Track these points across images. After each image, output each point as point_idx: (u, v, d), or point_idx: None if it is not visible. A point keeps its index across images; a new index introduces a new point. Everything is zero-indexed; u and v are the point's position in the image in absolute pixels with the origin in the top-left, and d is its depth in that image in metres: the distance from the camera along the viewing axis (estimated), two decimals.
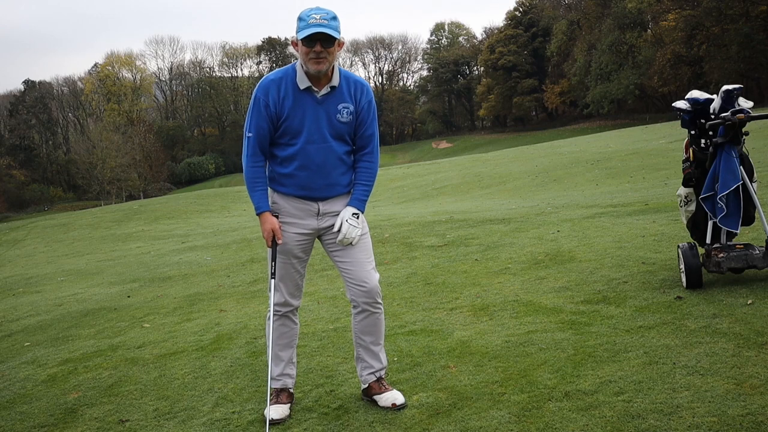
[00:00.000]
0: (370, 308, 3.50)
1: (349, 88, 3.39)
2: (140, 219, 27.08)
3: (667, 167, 16.20)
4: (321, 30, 3.18)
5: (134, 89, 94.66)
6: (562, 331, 4.16)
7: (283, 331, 3.59)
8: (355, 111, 3.40)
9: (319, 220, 3.47)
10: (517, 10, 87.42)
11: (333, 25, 3.22)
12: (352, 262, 3.46)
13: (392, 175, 31.05)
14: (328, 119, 3.35)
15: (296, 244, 3.46)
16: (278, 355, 3.60)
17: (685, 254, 4.58)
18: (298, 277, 3.55)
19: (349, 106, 3.38)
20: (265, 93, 3.33)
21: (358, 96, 3.40)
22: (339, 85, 3.36)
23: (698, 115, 4.68)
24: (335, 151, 3.39)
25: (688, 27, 61.02)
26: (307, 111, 3.33)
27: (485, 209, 12.60)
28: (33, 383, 4.71)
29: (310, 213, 3.45)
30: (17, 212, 67.44)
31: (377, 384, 3.52)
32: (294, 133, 3.35)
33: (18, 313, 7.99)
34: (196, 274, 9.21)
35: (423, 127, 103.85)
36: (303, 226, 3.46)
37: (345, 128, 3.39)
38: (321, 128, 3.34)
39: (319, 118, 3.34)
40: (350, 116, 3.38)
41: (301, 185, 3.40)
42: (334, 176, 3.41)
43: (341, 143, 3.41)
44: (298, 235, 3.46)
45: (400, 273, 6.86)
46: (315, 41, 3.20)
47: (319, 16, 3.20)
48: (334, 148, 3.38)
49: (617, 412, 2.96)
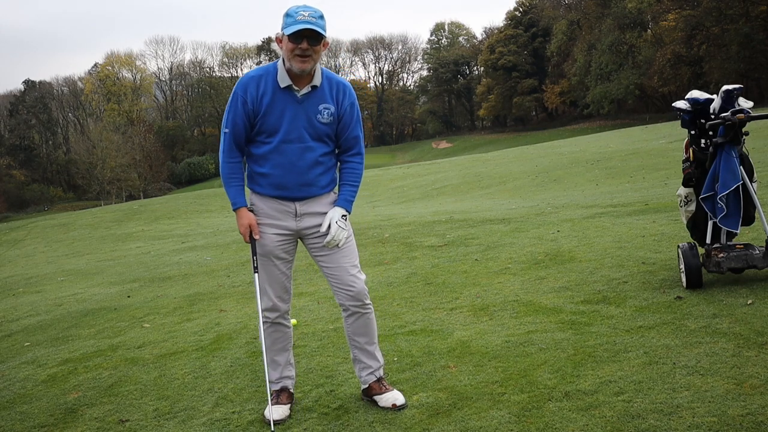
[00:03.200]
0: (359, 310, 3.46)
1: (332, 89, 3.34)
2: (140, 219, 27.08)
3: (667, 167, 16.20)
4: (309, 26, 3.14)
5: (134, 89, 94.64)
6: (562, 331, 4.16)
7: (276, 337, 3.56)
8: (337, 113, 3.35)
9: (298, 221, 3.41)
10: (517, 10, 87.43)
11: (320, 24, 3.19)
12: (337, 267, 3.42)
13: (392, 175, 31.04)
14: (308, 119, 3.30)
15: (277, 245, 3.42)
16: (274, 360, 3.58)
17: (685, 254, 4.58)
18: (284, 279, 3.50)
19: (330, 107, 3.32)
20: (243, 89, 3.31)
21: (341, 98, 3.35)
22: (321, 86, 3.31)
23: (698, 115, 4.68)
24: (313, 152, 3.33)
25: (688, 27, 61.02)
26: (286, 109, 3.29)
27: (485, 209, 12.60)
28: (33, 383, 4.71)
29: (288, 213, 3.40)
30: (17, 212, 67.41)
31: (377, 384, 3.51)
32: (270, 131, 3.31)
33: (18, 313, 7.99)
34: (196, 274, 9.21)
35: (423, 127, 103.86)
36: (281, 227, 3.41)
37: (325, 129, 3.34)
38: (299, 128, 3.29)
39: (298, 118, 3.29)
40: (331, 117, 3.33)
41: (275, 184, 3.36)
42: (310, 176, 3.35)
43: (321, 144, 3.35)
44: (278, 235, 3.41)
45: (400, 273, 6.86)
46: (302, 38, 3.17)
47: (307, 13, 3.17)
48: (313, 148, 3.33)
49: (617, 412, 2.96)
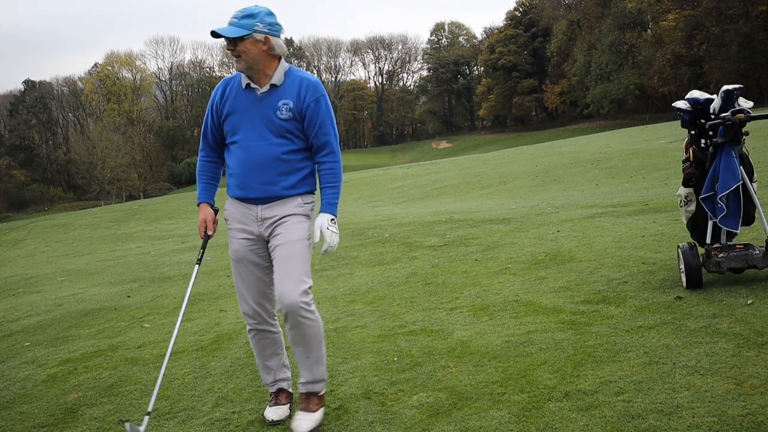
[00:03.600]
0: (291, 320, 3.23)
1: (294, 86, 3.29)
2: (140, 219, 27.08)
3: (667, 167, 16.19)
4: (214, 30, 3.19)
5: (134, 89, 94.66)
6: (562, 331, 4.16)
7: (264, 344, 3.51)
8: (299, 109, 3.27)
9: (260, 225, 3.35)
10: (517, 10, 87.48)
11: (241, 24, 3.19)
12: (276, 276, 3.27)
13: (392, 175, 31.03)
14: (268, 117, 3.27)
15: (248, 250, 3.38)
16: (266, 365, 3.54)
17: (685, 254, 4.57)
18: (261, 285, 3.41)
19: (289, 103, 3.26)
20: (215, 92, 3.42)
21: (303, 93, 3.27)
22: (283, 83, 3.29)
23: (698, 115, 4.67)
24: (274, 149, 3.27)
25: (688, 27, 61.05)
26: (247, 109, 3.31)
27: (485, 209, 12.59)
28: (33, 383, 4.71)
29: (252, 218, 3.36)
30: (17, 212, 67.43)
31: (304, 399, 3.36)
32: (233, 131, 3.35)
33: (18, 313, 7.99)
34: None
35: (423, 127, 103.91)
36: (248, 232, 3.37)
37: (287, 125, 3.27)
38: (258, 126, 3.28)
39: (258, 116, 3.29)
40: (290, 113, 3.26)
41: (239, 184, 3.36)
42: (270, 175, 3.28)
43: (283, 140, 3.28)
44: (246, 240, 3.38)
45: (400, 273, 6.86)
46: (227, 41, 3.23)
47: (234, 14, 3.22)
48: (274, 145, 3.27)
49: (617, 412, 2.96)
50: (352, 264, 7.82)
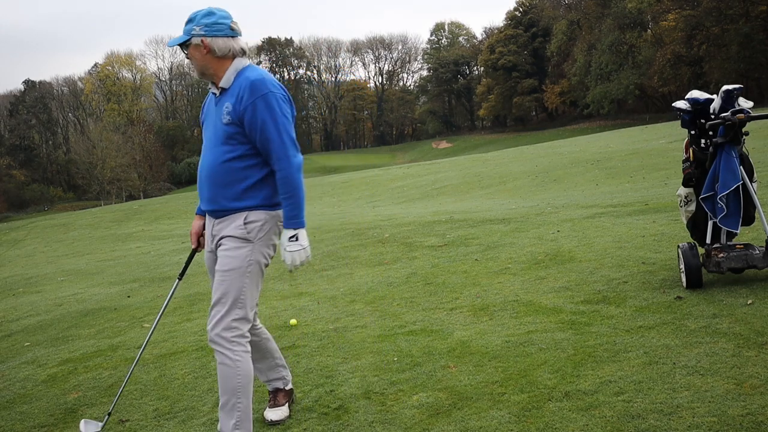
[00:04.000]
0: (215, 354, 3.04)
1: (236, 87, 3.06)
2: (140, 219, 27.08)
3: (667, 167, 16.19)
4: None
5: (134, 89, 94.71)
6: (562, 331, 4.16)
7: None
8: (237, 111, 3.01)
9: (212, 242, 3.21)
10: (517, 10, 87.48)
11: (184, 30, 3.09)
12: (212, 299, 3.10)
13: (392, 175, 31.02)
14: (215, 122, 3.12)
15: (213, 264, 3.23)
16: (256, 366, 3.46)
17: (685, 254, 4.57)
18: None
19: (229, 105, 3.04)
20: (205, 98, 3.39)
21: (241, 94, 3.01)
22: (231, 86, 3.09)
23: (698, 115, 4.67)
24: (219, 157, 3.07)
25: (688, 27, 61.06)
26: (208, 115, 3.24)
27: (485, 209, 12.59)
28: (33, 383, 4.71)
29: (209, 232, 3.24)
30: (17, 212, 67.44)
31: None
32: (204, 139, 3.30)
33: (18, 313, 7.99)
34: (196, 274, 9.20)
35: (423, 127, 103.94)
36: (209, 247, 3.27)
37: (229, 130, 3.04)
38: (211, 133, 3.15)
39: (212, 122, 3.16)
40: (229, 116, 3.03)
41: (199, 194, 3.25)
42: (214, 185, 3.09)
43: (226, 147, 3.06)
44: (211, 254, 3.26)
45: (400, 273, 6.86)
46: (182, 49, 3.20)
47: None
48: (219, 153, 3.08)
49: (617, 412, 2.96)
50: (352, 264, 7.82)
